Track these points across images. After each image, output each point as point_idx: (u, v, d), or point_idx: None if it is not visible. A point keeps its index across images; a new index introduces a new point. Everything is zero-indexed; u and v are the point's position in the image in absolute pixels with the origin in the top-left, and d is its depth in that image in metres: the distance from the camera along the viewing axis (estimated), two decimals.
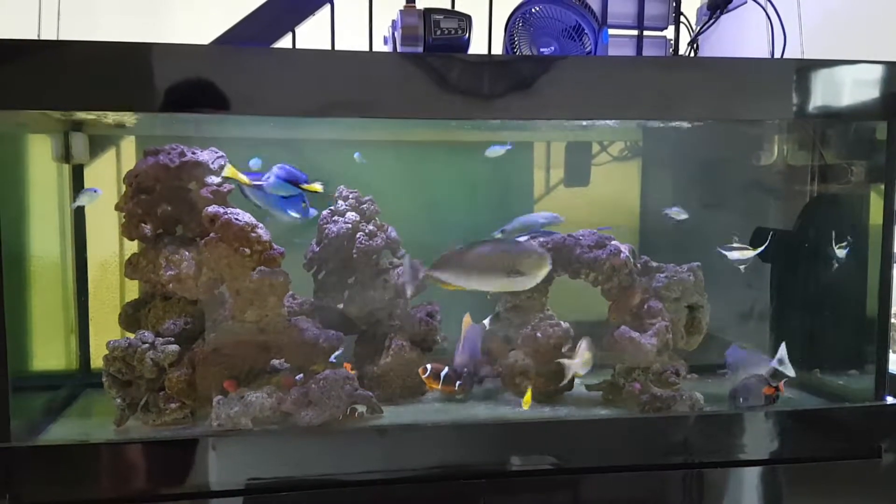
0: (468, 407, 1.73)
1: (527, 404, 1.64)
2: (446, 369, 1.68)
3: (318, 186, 1.64)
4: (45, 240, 1.70)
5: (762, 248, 1.74)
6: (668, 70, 1.56)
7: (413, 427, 1.59)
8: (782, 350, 1.64)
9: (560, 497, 1.54)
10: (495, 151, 1.82)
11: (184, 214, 1.65)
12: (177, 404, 1.55)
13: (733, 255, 1.73)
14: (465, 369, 1.69)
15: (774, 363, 1.64)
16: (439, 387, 1.68)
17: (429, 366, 1.68)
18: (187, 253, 1.59)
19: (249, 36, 1.67)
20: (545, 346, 1.74)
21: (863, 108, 1.58)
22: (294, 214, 1.68)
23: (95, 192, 1.64)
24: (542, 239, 1.80)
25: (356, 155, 1.81)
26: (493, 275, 1.58)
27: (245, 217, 1.56)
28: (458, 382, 1.68)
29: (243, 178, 1.60)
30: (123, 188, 1.64)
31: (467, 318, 1.70)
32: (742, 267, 1.74)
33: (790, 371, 1.63)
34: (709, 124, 1.68)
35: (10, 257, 1.39)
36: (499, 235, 1.79)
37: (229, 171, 1.58)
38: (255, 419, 1.52)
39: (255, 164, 1.71)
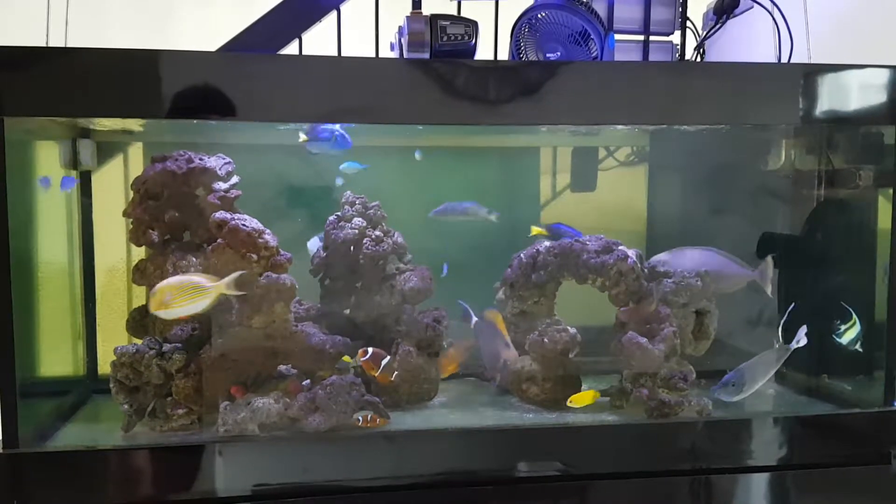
0: (475, 412, 1.73)
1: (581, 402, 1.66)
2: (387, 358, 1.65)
3: None
4: (53, 246, 1.70)
5: None
6: (674, 75, 1.56)
7: (420, 433, 1.59)
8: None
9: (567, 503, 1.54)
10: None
11: (191, 220, 1.65)
12: (184, 410, 1.55)
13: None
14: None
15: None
16: (377, 373, 1.63)
17: (370, 349, 1.64)
18: (195, 259, 1.59)
19: (256, 43, 1.68)
20: (552, 352, 1.74)
21: (870, 113, 1.57)
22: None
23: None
24: (548, 244, 1.80)
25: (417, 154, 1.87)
26: None
27: (252, 223, 1.57)
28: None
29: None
30: (131, 194, 1.64)
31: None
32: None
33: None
34: (716, 129, 1.67)
35: (18, 263, 1.40)
36: None
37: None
38: (262, 425, 1.52)
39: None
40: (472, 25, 1.49)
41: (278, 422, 1.53)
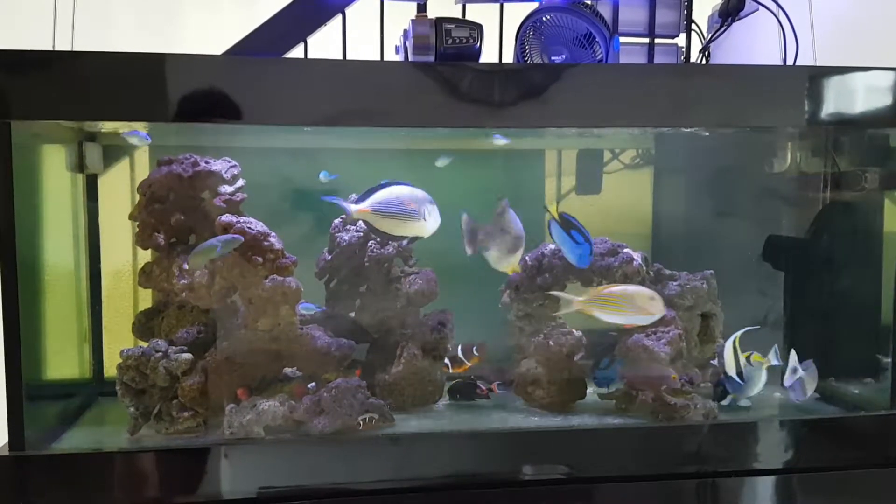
0: (480, 415, 1.73)
1: None
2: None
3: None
4: (59, 249, 1.71)
5: None
6: (679, 78, 1.56)
7: (425, 436, 1.59)
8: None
9: None
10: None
11: (197, 223, 1.65)
12: (190, 413, 1.55)
13: None
14: None
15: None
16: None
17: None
18: None
19: (261, 46, 1.68)
20: (558, 355, 1.74)
21: (876, 115, 1.57)
22: None
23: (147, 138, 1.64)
24: (552, 246, 1.79)
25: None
26: None
27: (258, 226, 1.57)
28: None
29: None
30: (137, 197, 1.65)
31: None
32: None
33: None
34: (721, 131, 1.67)
35: (24, 266, 1.40)
36: None
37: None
38: (268, 427, 1.52)
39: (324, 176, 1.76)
40: (477, 28, 1.49)
41: (283, 424, 1.53)
